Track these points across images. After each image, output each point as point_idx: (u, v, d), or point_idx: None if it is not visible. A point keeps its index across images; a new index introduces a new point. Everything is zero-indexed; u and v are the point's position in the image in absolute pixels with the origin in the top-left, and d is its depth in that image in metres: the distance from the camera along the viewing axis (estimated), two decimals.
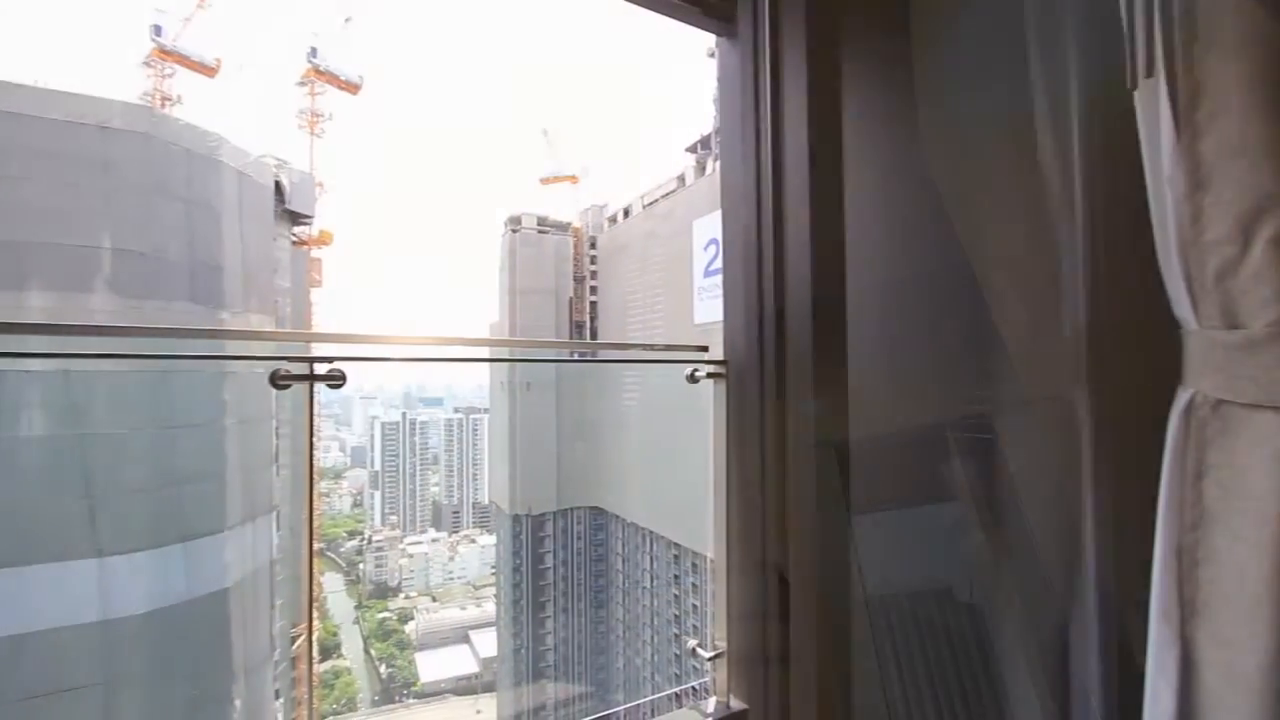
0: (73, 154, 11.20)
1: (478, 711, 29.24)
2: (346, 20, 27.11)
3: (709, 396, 1.83)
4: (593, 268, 28.13)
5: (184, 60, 21.75)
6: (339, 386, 1.37)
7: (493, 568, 32.75)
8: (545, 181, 31.88)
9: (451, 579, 37.50)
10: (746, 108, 1.66)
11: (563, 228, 28.30)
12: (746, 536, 1.69)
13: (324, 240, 24.10)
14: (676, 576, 21.82)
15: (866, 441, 1.52)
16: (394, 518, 41.69)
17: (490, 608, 32.22)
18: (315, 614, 20.24)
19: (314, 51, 25.16)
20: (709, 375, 1.83)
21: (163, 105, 20.53)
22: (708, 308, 20.88)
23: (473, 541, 39.31)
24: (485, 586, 35.47)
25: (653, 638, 23.36)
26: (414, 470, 42.94)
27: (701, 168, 23.12)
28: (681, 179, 23.68)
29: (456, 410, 45.77)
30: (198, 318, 13.01)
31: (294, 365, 1.35)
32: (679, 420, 19.82)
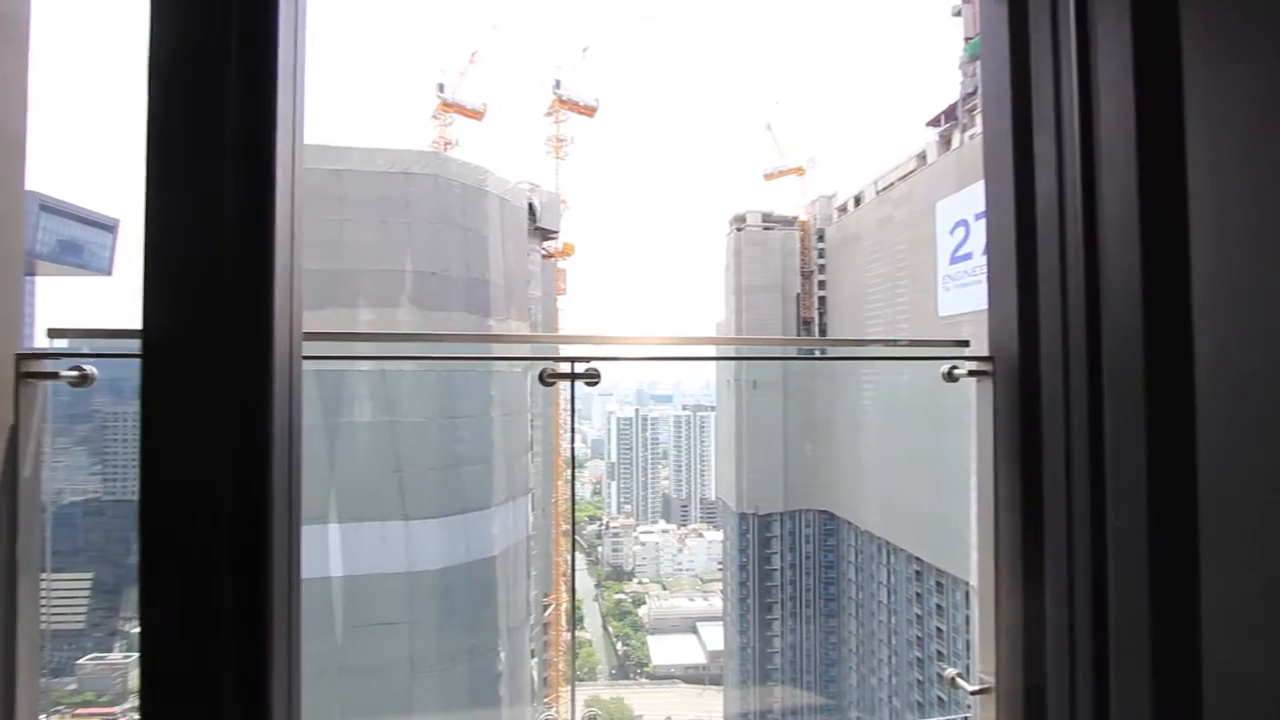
0: (385, 197, 14.06)
1: (707, 711, 29.94)
2: (584, 50, 29.86)
3: (964, 397, 1.58)
4: (821, 261, 26.85)
5: (460, 109, 26.07)
6: (595, 383, 1.50)
7: (719, 563, 33.25)
8: (770, 177, 31.32)
9: (680, 570, 39.05)
10: (1028, 59, 1.29)
11: (788, 222, 27.50)
12: (1020, 560, 1.31)
13: (567, 252, 26.80)
14: (919, 595, 19.72)
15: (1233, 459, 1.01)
16: (628, 507, 44.87)
17: (717, 602, 32.74)
18: (562, 589, 22.54)
19: (558, 84, 28.15)
20: (970, 373, 1.47)
21: (445, 149, 24.76)
22: (954, 298, 18.45)
23: (700, 536, 40.46)
24: (712, 581, 36.21)
25: (890, 658, 21.44)
26: (646, 463, 45.67)
27: (946, 141, 20.54)
28: (922, 157, 21.31)
29: (685, 407, 47.51)
30: (471, 324, 15.36)
31: (558, 365, 1.51)
32: (925, 422, 17.88)
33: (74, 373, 1.13)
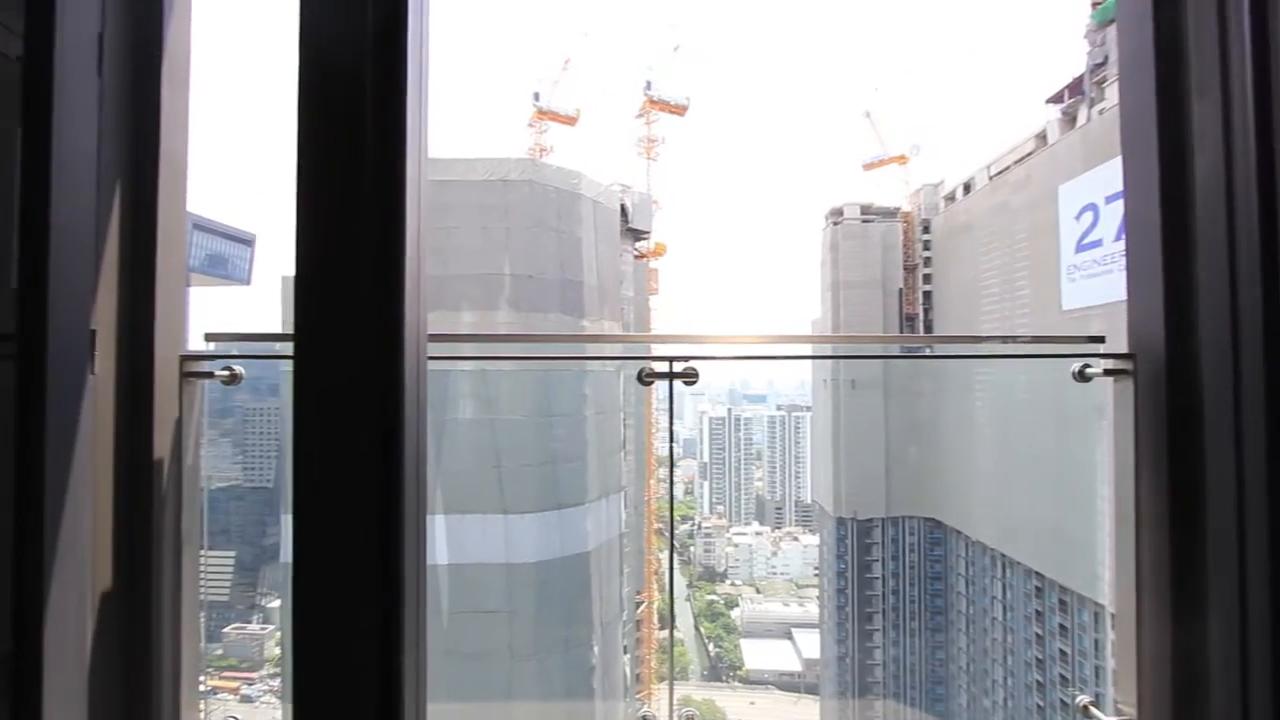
0: (485, 205, 14.78)
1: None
2: (675, 49, 29.89)
3: (1094, 399, 1.36)
4: (926, 254, 25.34)
5: (554, 116, 26.90)
6: (693, 383, 1.50)
7: (816, 568, 32.22)
8: (869, 167, 29.96)
9: (774, 573, 38.21)
10: (1180, 20, 1.16)
11: (889, 214, 26.17)
12: (1169, 583, 1.18)
13: (659, 252, 26.95)
14: (1038, 613, 18.15)
15: None
16: (720, 507, 44.48)
17: (813, 608, 31.74)
18: (655, 587, 22.70)
19: (649, 85, 28.37)
20: (1106, 372, 1.33)
21: (540, 155, 25.65)
22: (1081, 290, 16.81)
23: (795, 539, 39.40)
24: (808, 586, 35.15)
25: (1005, 679, 19.87)
26: (739, 464, 45.07)
27: (1070, 119, 18.74)
28: (1041, 137, 19.58)
29: (779, 407, 46.44)
30: (566, 326, 15.82)
31: (656, 364, 1.51)
32: (1046, 425, 16.46)
33: (225, 372, 1.27)
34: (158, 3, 1.16)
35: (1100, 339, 1.43)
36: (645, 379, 1.52)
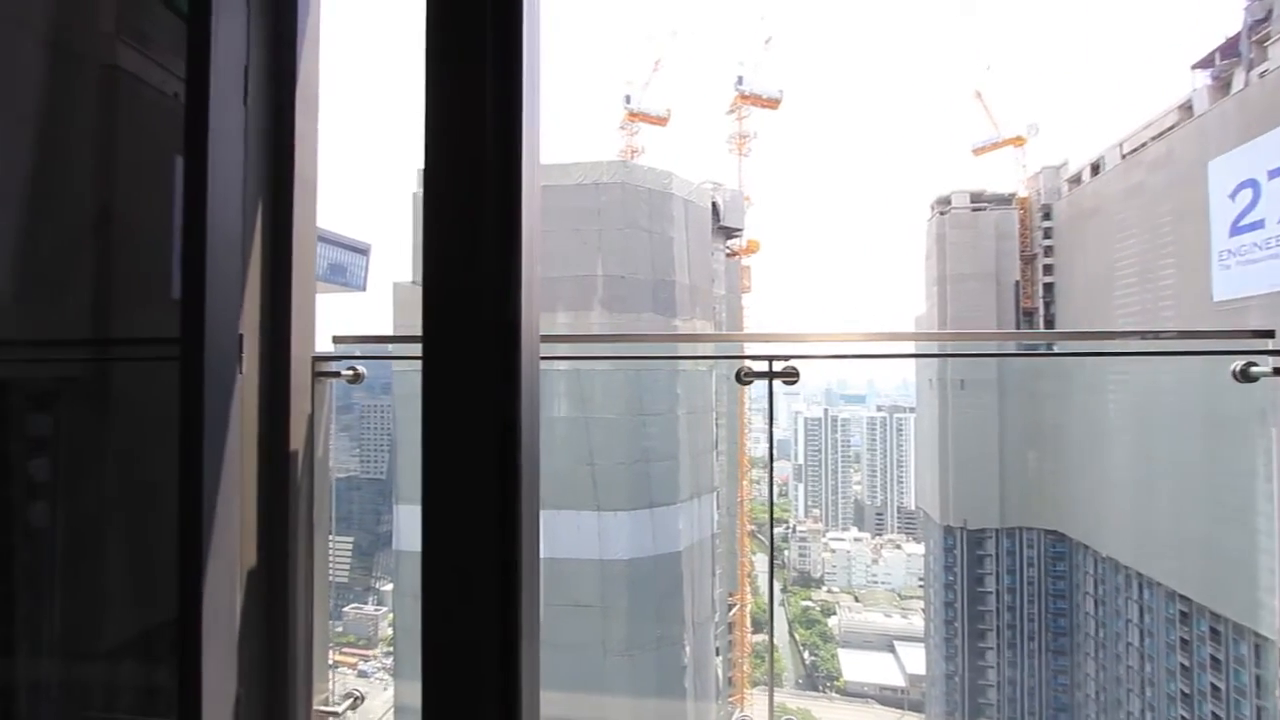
0: (579, 208, 15.16)
1: None
2: (767, 42, 29.29)
3: (1256, 401, 1.30)
4: (1047, 242, 23.27)
5: (645, 117, 27.14)
6: (793, 382, 1.48)
7: (920, 579, 30.51)
8: (979, 152, 27.97)
9: (875, 582, 36.50)
10: None
11: (1003, 200, 24.26)
12: None
13: (752, 249, 26.50)
14: (1184, 641, 16.19)
15: None
16: (816, 511, 43.07)
17: (917, 621, 30.08)
18: (748, 590, 22.37)
19: (740, 80, 27.94)
20: (1277, 371, 1.17)
21: (632, 157, 25.95)
22: (1236, 278, 14.78)
23: (897, 547, 37.47)
24: (912, 598, 33.34)
25: (1144, 713, 17.88)
26: (835, 467, 43.48)
27: (1223, 85, 16.55)
28: (1187, 108, 17.42)
29: (879, 408, 44.42)
30: (658, 325, 15.92)
31: (754, 363, 1.49)
32: (1194, 431, 14.67)
33: (350, 372, 1.39)
34: (292, 38, 1.28)
35: (1269, 334, 1.25)
36: (744, 378, 1.49)
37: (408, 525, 14.77)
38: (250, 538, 1.22)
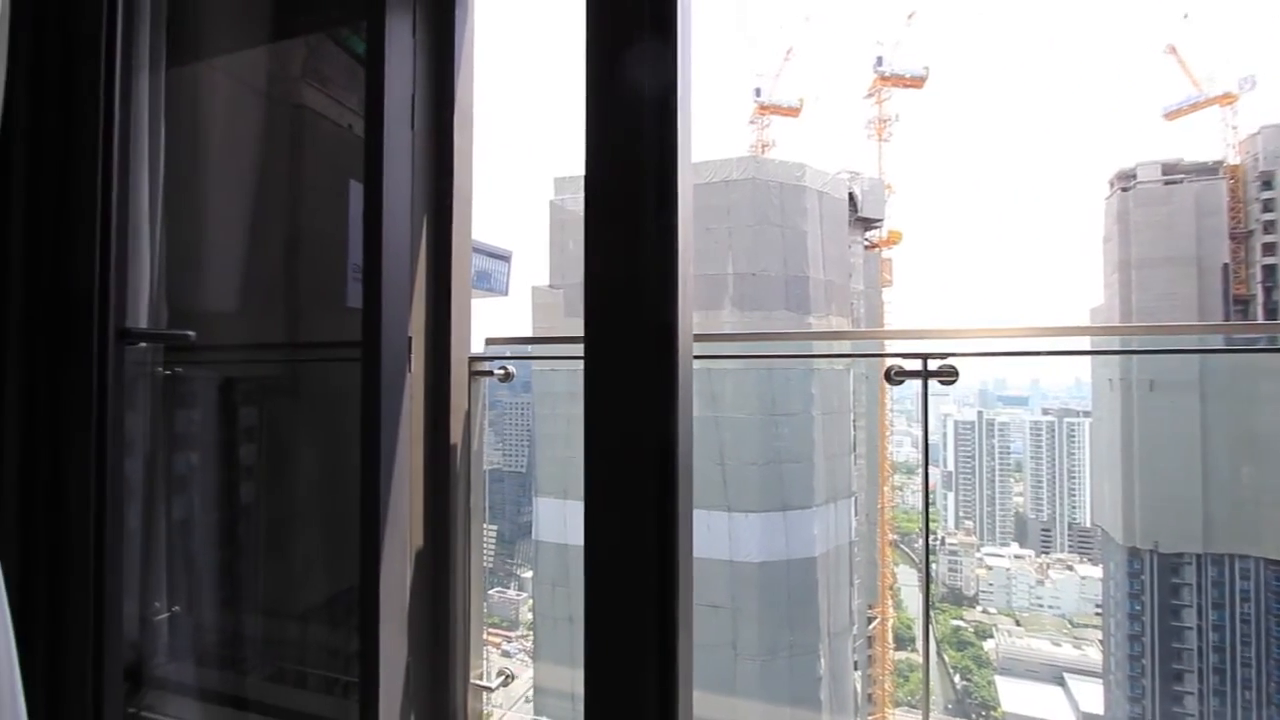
0: (709, 206, 15.11)
1: None
2: (910, 17, 27.31)
3: None
4: (1267, 216, 19.49)
5: (776, 109, 26.45)
6: (952, 382, 1.40)
7: (1098, 606, 26.85)
8: (1173, 115, 24.10)
9: (1040, 605, 32.68)
10: None
11: (1207, 170, 20.65)
12: None
13: (893, 240, 24.89)
14: None
15: None
16: (969, 523, 39.40)
17: (1094, 654, 26.53)
18: (889, 603, 21.07)
19: (879, 61, 26.33)
20: None
21: (763, 151, 25.41)
22: None
23: (1068, 568, 33.26)
24: (1086, 626, 29.46)
25: None
26: (992, 475, 39.51)
27: None
28: None
29: (1046, 411, 39.77)
30: (791, 322, 15.46)
31: (907, 362, 1.41)
32: None
33: (501, 371, 1.49)
34: (450, 66, 1.40)
35: None
36: (895, 378, 1.40)
37: (546, 517, 15.58)
38: (418, 521, 1.35)
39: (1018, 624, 32.10)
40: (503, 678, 1.52)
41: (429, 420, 1.36)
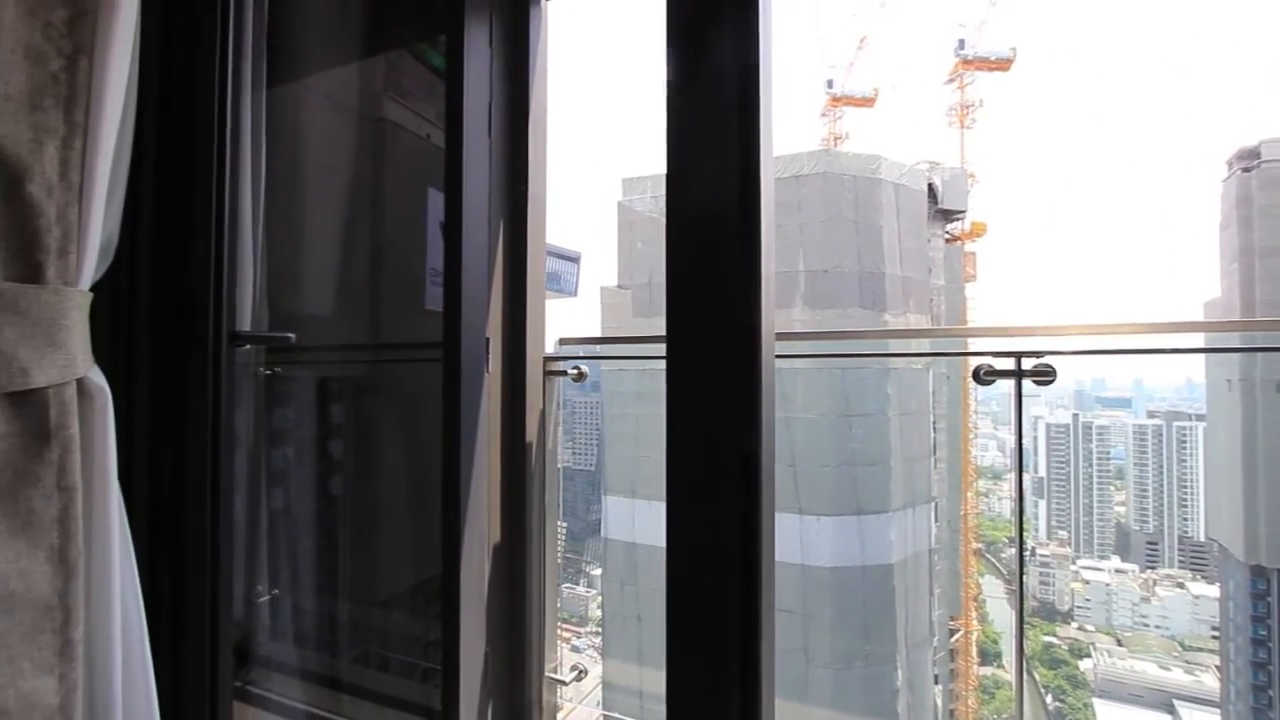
0: (780, 203, 14.80)
1: None
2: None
3: None
4: None
5: (850, 100, 25.57)
6: (1048, 383, 1.32)
7: (1215, 628, 24.51)
8: None
9: (1145, 625, 30.09)
10: None
11: None
12: None
13: (977, 233, 23.57)
14: None
15: None
16: (1062, 533, 36.76)
17: (1209, 681, 24.25)
18: (973, 615, 19.99)
19: (960, 44, 24.98)
20: None
21: (835, 144, 24.66)
22: None
23: (1179, 586, 30.45)
24: (1200, 650, 26.91)
25: None
26: (1089, 483, 36.73)
27: None
28: None
29: (1151, 414, 36.62)
30: (866, 320, 14.93)
31: (997, 360, 1.34)
32: None
33: (575, 371, 1.52)
34: (525, 74, 1.43)
35: None
36: (984, 378, 1.33)
37: (614, 515, 15.72)
38: (495, 516, 1.40)
39: (1119, 644, 29.67)
40: (576, 672, 1.54)
41: (505, 419, 1.40)
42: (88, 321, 0.80)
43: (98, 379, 0.81)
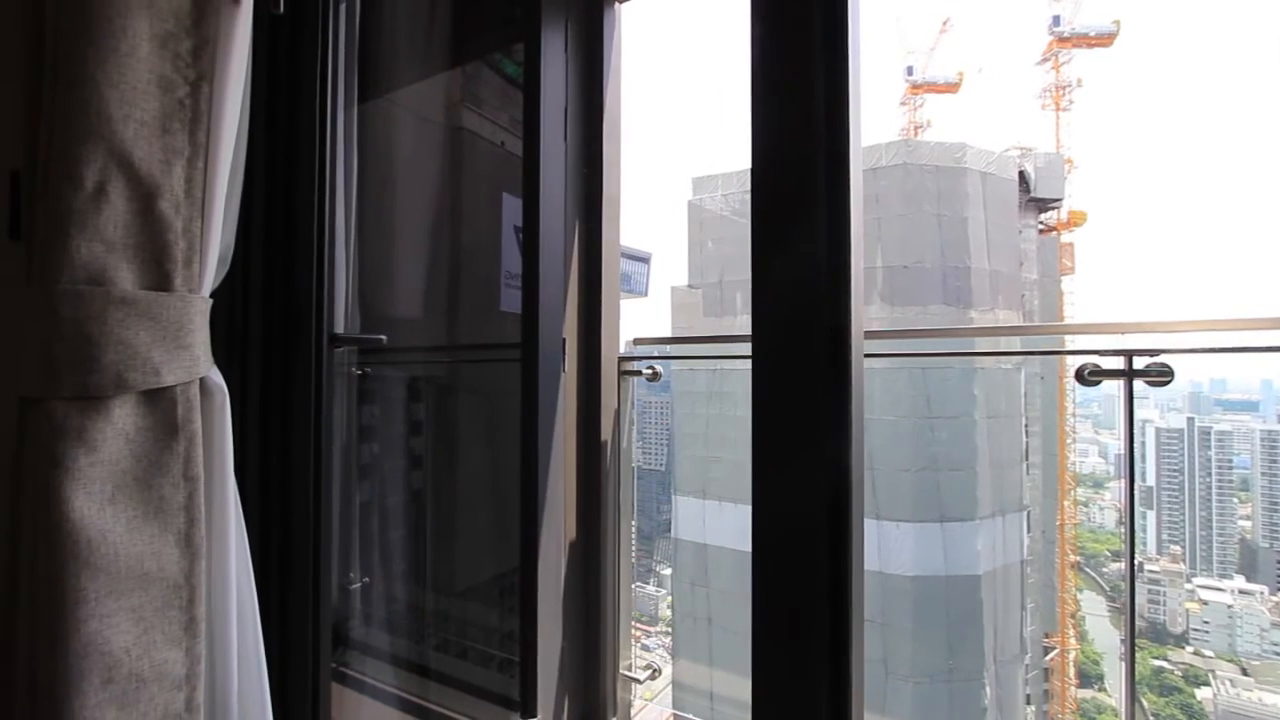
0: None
1: None
2: None
3: None
4: None
5: (932, 87, 24.37)
6: (1165, 384, 1.22)
7: None
8: None
9: (1277, 653, 27.04)
10: None
11: None
12: None
13: (1075, 222, 21.92)
14: None
15: None
16: (1175, 548, 33.58)
17: None
18: (1070, 633, 18.63)
19: (1055, 20, 23.28)
20: None
21: (916, 134, 23.56)
22: None
23: None
24: None
25: None
26: (1207, 494, 33.38)
27: None
28: None
29: None
30: (949, 317, 14.19)
31: (1104, 359, 1.25)
32: None
33: (649, 370, 1.52)
34: (599, 78, 1.45)
35: None
36: (1089, 378, 1.23)
37: (685, 515, 15.66)
38: (571, 513, 1.42)
39: (1244, 672, 26.77)
40: (649, 671, 1.55)
41: (581, 418, 1.43)
42: (208, 325, 0.87)
43: (217, 378, 0.89)
